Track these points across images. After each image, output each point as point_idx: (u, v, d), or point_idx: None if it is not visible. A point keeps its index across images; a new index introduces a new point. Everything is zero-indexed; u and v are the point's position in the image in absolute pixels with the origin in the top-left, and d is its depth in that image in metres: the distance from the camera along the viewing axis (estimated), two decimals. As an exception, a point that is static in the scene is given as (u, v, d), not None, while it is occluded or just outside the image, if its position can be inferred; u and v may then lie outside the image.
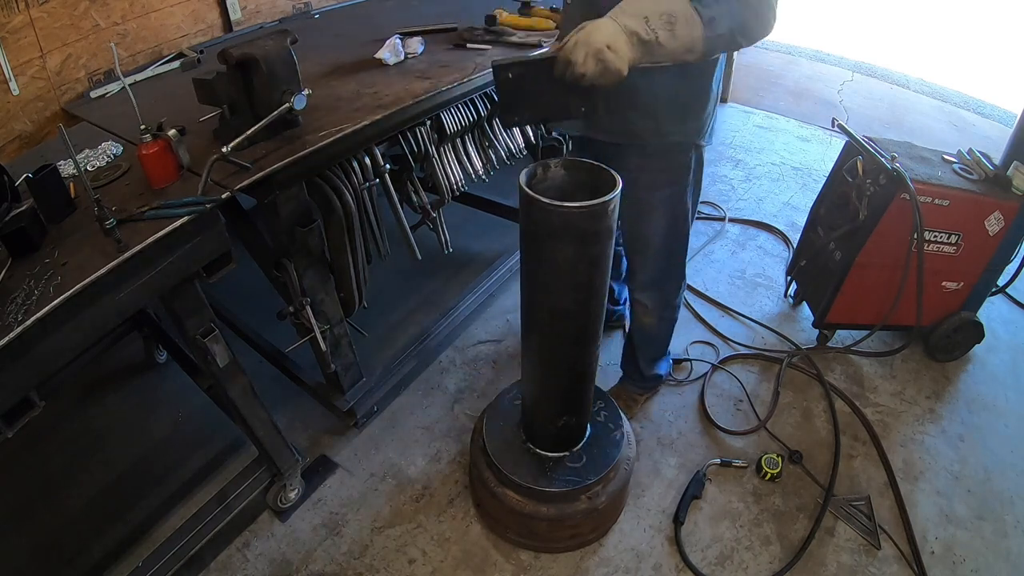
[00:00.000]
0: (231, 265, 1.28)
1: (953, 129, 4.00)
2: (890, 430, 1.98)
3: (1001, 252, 2.02)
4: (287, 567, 1.63)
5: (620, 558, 1.64)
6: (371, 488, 1.82)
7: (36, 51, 1.76)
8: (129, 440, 1.96)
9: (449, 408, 2.06)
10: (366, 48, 1.91)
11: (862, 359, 2.23)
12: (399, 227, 1.85)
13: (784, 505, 1.76)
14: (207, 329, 1.31)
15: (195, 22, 2.20)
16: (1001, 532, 1.71)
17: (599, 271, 1.19)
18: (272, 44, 1.31)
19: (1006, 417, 2.04)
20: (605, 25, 1.09)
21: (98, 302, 1.06)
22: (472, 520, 1.73)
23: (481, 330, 2.36)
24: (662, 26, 1.08)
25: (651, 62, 1.13)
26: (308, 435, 1.97)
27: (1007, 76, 4.70)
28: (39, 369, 1.02)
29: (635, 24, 1.08)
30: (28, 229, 1.07)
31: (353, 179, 1.58)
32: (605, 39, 1.07)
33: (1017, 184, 1.91)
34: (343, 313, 1.72)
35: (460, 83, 1.70)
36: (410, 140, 1.74)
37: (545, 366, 1.41)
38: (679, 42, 1.10)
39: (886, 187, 1.90)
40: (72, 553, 1.65)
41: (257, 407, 1.54)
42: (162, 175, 1.23)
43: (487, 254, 2.68)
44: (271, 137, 1.39)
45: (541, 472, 1.54)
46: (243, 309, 2.15)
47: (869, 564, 1.62)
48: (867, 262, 2.02)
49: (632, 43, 1.09)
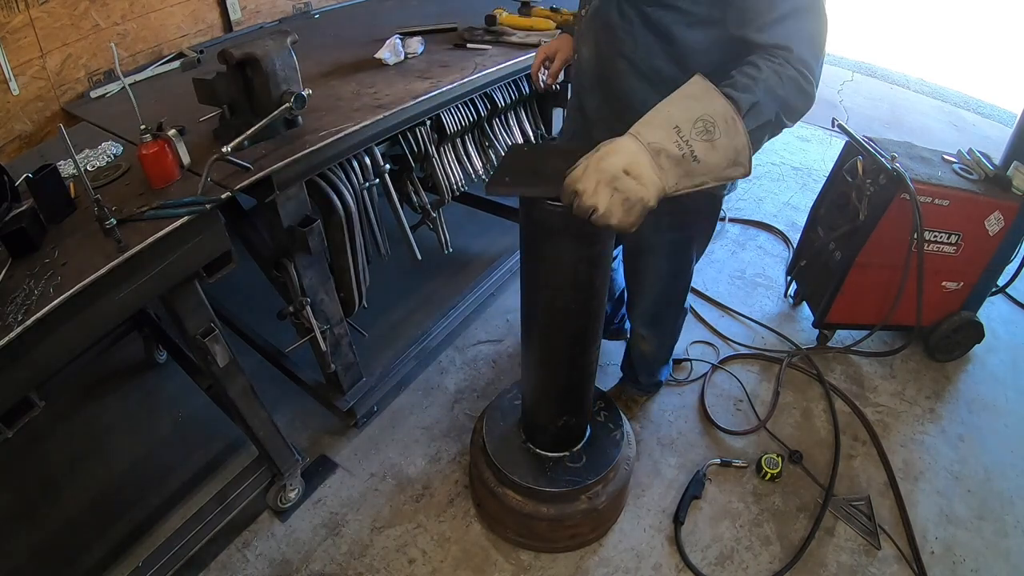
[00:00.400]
0: (231, 265, 1.28)
1: (953, 129, 4.00)
2: (890, 430, 1.98)
3: (1001, 252, 2.02)
4: (287, 567, 1.63)
5: (620, 558, 1.64)
6: (371, 488, 1.82)
7: (36, 51, 1.76)
8: (129, 440, 1.96)
9: (449, 408, 2.06)
10: (366, 48, 1.91)
11: (862, 359, 2.23)
12: (399, 227, 1.85)
13: (784, 505, 1.76)
14: (207, 329, 1.31)
15: (195, 22, 2.20)
16: (1001, 532, 1.71)
17: (599, 271, 1.19)
18: (272, 44, 1.31)
19: (1006, 417, 2.04)
20: (624, 145, 0.88)
21: (98, 302, 1.06)
22: (472, 520, 1.73)
23: (481, 330, 2.36)
24: (698, 136, 0.88)
25: (690, 187, 0.91)
26: (308, 435, 1.97)
27: (1007, 76, 4.70)
28: (39, 369, 1.02)
29: (663, 138, 0.88)
30: (28, 229, 1.07)
31: (353, 179, 1.59)
32: (622, 162, 0.87)
33: (1017, 184, 1.91)
34: (343, 313, 1.72)
35: (460, 83, 1.70)
36: (410, 140, 1.74)
37: (545, 366, 1.41)
38: (721, 154, 0.89)
39: (886, 187, 1.90)
40: (72, 553, 1.65)
41: (257, 407, 1.54)
42: (162, 175, 1.23)
43: (487, 254, 2.68)
44: (271, 137, 1.39)
45: (541, 472, 1.54)
46: (243, 309, 2.15)
47: (869, 564, 1.62)
48: (867, 262, 2.02)
49: (660, 164, 0.88)
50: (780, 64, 0.94)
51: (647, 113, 0.92)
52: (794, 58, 0.94)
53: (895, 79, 4.64)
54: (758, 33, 0.97)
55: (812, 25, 0.96)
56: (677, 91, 0.93)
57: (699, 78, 0.92)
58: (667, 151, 0.88)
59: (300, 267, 1.51)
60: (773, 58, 0.95)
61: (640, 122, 0.91)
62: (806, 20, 0.96)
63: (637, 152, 0.88)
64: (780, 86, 0.94)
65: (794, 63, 0.94)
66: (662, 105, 0.92)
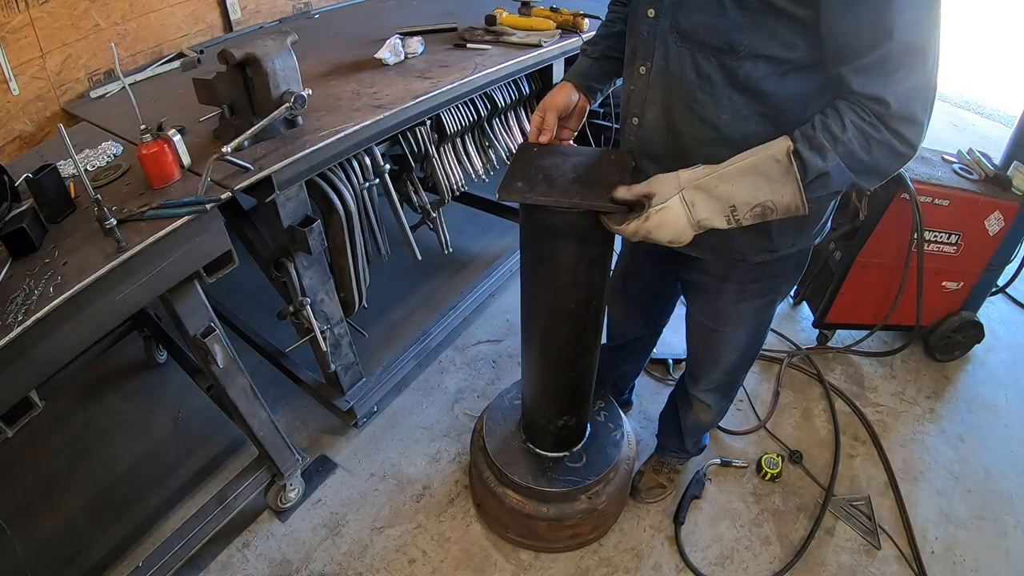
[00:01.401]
0: (232, 265, 1.28)
1: (953, 129, 4.01)
2: (890, 430, 1.98)
3: (1001, 252, 2.02)
4: (287, 567, 1.63)
5: (620, 558, 1.64)
6: (371, 488, 1.82)
7: (36, 51, 1.76)
8: (129, 440, 1.96)
9: (449, 408, 2.06)
10: (366, 48, 1.91)
11: (862, 359, 2.23)
12: (399, 227, 1.85)
13: (784, 505, 1.76)
14: (207, 329, 1.31)
15: (195, 22, 2.20)
16: (1001, 532, 1.71)
17: (599, 271, 1.19)
18: (272, 44, 1.31)
19: (1006, 417, 2.04)
20: (672, 219, 0.89)
21: (98, 302, 1.06)
22: (472, 520, 1.73)
23: (481, 330, 2.36)
24: (752, 218, 0.87)
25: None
26: (308, 435, 1.97)
27: (1007, 76, 4.70)
28: (39, 369, 1.02)
29: (713, 217, 0.88)
30: (28, 229, 1.07)
31: (353, 179, 1.59)
32: (669, 237, 0.91)
33: (1017, 184, 1.91)
34: (343, 313, 1.72)
35: (460, 83, 1.69)
36: (410, 140, 1.74)
37: (545, 366, 1.41)
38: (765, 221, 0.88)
39: (886, 187, 1.90)
40: (72, 553, 1.65)
41: (257, 407, 1.53)
42: (162, 175, 1.23)
43: (487, 254, 2.68)
44: (271, 137, 1.39)
45: (541, 472, 1.54)
46: (243, 309, 2.15)
47: (869, 564, 1.62)
48: (867, 262, 2.02)
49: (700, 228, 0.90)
50: (871, 124, 0.79)
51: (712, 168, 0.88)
52: (891, 115, 0.78)
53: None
54: (855, 75, 0.80)
55: (919, 72, 0.78)
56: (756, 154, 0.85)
57: (783, 153, 0.82)
58: (712, 225, 0.89)
59: (300, 267, 1.51)
60: (865, 113, 0.80)
61: (698, 185, 0.88)
62: (912, 64, 0.77)
63: (684, 229, 0.90)
64: (865, 151, 0.81)
65: (890, 121, 0.79)
66: (731, 171, 0.86)
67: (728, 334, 1.29)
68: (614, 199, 0.97)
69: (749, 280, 1.17)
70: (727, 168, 0.87)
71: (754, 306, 1.22)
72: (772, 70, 0.88)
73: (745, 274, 1.16)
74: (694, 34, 0.90)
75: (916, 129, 0.80)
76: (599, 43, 1.24)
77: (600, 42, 1.24)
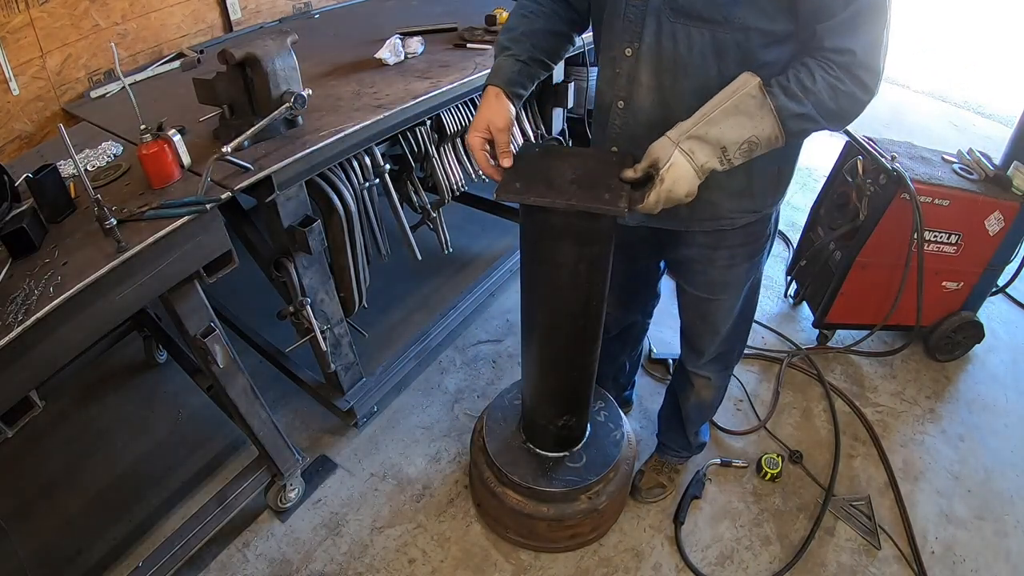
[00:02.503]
0: (232, 265, 1.28)
1: (953, 129, 4.01)
2: (890, 430, 1.98)
3: (1001, 252, 2.02)
4: (287, 567, 1.63)
5: (620, 558, 1.64)
6: (371, 488, 1.82)
7: (36, 51, 1.76)
8: (129, 440, 1.96)
9: (449, 408, 2.06)
10: (366, 48, 1.91)
11: (862, 359, 2.23)
12: (399, 227, 1.85)
13: (784, 505, 1.76)
14: (207, 329, 1.31)
15: (195, 22, 2.20)
16: (1001, 532, 1.71)
17: (599, 271, 1.19)
18: (272, 44, 1.31)
19: (1006, 417, 2.04)
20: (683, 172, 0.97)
21: (98, 302, 1.06)
22: (472, 520, 1.73)
23: (481, 330, 2.36)
24: (741, 155, 0.97)
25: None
26: (308, 435, 1.97)
27: (1007, 76, 4.70)
28: (39, 369, 1.02)
29: (710, 157, 0.97)
30: (28, 229, 1.07)
31: (353, 179, 1.59)
32: (685, 190, 0.98)
33: (1017, 184, 1.91)
34: (343, 313, 1.72)
35: (460, 83, 1.69)
36: (410, 140, 1.74)
37: (545, 366, 1.41)
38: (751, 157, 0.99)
39: (886, 187, 1.90)
40: (72, 553, 1.65)
41: (257, 407, 1.54)
42: (162, 175, 1.23)
43: (487, 254, 2.68)
44: (271, 137, 1.39)
45: (541, 472, 1.54)
46: (243, 309, 2.15)
47: (869, 564, 1.62)
48: (867, 262, 2.02)
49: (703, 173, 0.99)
50: (836, 78, 0.92)
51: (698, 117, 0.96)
52: (856, 63, 0.91)
53: (895, 79, 4.64)
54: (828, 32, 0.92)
55: (879, 27, 0.91)
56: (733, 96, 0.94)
57: (756, 88, 0.93)
58: (712, 167, 0.98)
59: (300, 267, 1.51)
60: (832, 68, 0.92)
61: (692, 134, 0.96)
62: (874, 20, 0.91)
63: (693, 178, 0.98)
64: (832, 101, 0.93)
65: (855, 70, 0.91)
66: (717, 115, 0.95)
67: (724, 301, 1.37)
68: (623, 180, 1.03)
69: (738, 244, 1.25)
70: (712, 113, 0.96)
71: (744, 268, 1.31)
72: (759, 41, 0.97)
73: (734, 239, 1.24)
74: (691, 8, 0.96)
75: (875, 77, 0.93)
76: (523, 41, 1.14)
77: (524, 40, 1.14)
